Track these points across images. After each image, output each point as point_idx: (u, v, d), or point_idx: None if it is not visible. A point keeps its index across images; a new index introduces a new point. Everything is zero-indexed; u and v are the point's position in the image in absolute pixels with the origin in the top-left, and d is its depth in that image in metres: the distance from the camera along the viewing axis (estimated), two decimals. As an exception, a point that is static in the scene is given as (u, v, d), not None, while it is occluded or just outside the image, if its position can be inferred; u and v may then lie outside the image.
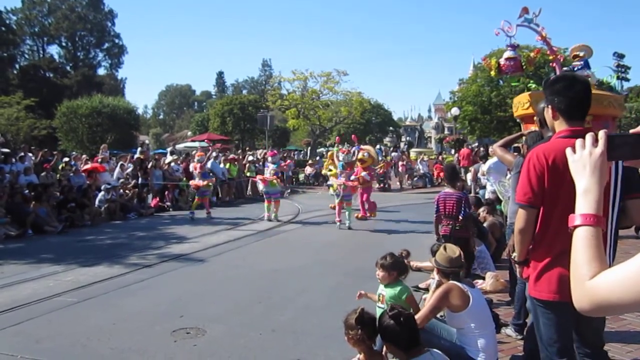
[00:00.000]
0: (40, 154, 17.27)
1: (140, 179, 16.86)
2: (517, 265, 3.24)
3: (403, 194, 21.67)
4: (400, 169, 25.31)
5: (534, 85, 15.89)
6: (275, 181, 13.51)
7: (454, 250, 4.14)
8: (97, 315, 5.81)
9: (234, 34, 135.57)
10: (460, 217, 6.23)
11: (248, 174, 20.64)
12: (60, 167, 16.38)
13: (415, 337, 3.24)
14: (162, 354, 4.65)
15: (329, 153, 15.85)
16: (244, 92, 75.13)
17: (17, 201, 12.32)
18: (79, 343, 4.93)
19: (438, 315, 4.16)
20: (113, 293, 6.76)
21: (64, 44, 62.46)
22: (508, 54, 14.69)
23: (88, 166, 16.59)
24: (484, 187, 9.90)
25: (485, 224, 7.92)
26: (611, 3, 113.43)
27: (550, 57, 15.92)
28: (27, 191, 13.09)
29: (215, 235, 11.18)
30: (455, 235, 6.11)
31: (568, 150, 1.56)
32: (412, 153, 33.39)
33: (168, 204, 16.57)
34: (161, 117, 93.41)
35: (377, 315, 3.51)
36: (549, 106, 3.02)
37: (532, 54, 14.05)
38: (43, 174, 14.83)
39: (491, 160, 8.60)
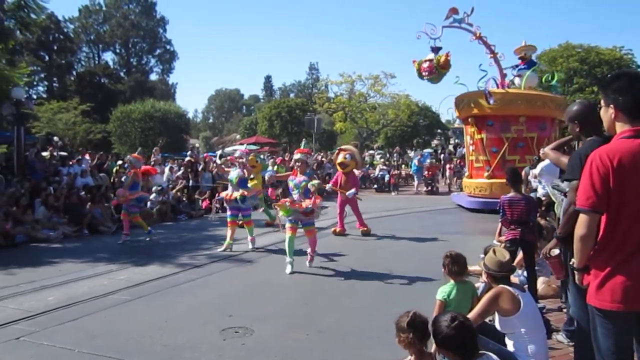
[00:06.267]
0: (96, 157, 17.92)
1: (190, 181, 17.26)
2: (576, 272, 3.06)
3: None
4: (448, 172, 24.97)
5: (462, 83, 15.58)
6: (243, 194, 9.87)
7: (503, 254, 4.07)
8: (150, 313, 5.98)
9: (281, 39, 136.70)
10: (531, 223, 6.09)
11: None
12: (114, 169, 16.93)
13: (475, 345, 3.17)
14: (212, 352, 4.74)
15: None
16: (292, 95, 75.58)
17: (73, 202, 12.81)
18: (133, 339, 5.08)
19: (487, 320, 4.10)
20: (165, 292, 6.94)
21: (118, 50, 64.56)
22: (429, 56, 14.50)
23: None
24: (535, 190, 9.63)
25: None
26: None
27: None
28: (83, 193, 13.61)
29: (263, 237, 11.29)
30: (525, 239, 5.97)
31: None
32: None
33: (217, 206, 16.83)
34: (211, 120, 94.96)
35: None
36: (611, 106, 2.86)
37: (442, 58, 13.94)
38: (101, 174, 15.39)
39: (543, 163, 8.36)
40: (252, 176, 11.36)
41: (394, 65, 58.46)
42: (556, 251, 4.21)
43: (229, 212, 10.11)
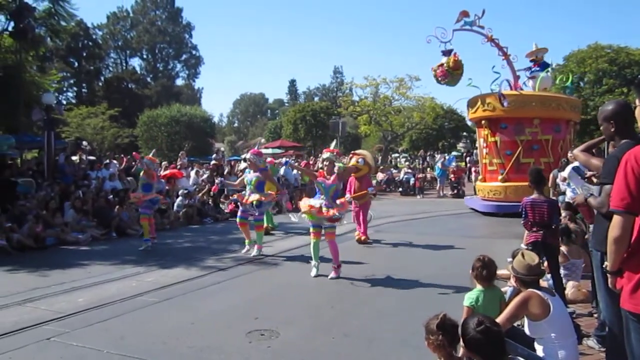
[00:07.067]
0: (124, 161, 18.17)
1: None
2: (609, 275, 3.00)
3: (477, 201, 21.14)
4: (473, 175, 24.72)
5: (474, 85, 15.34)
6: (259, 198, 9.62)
7: (532, 258, 4.00)
8: (177, 315, 6.02)
9: (305, 43, 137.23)
10: (554, 226, 5.99)
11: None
12: (140, 173, 17.14)
13: (502, 349, 3.13)
14: (238, 354, 4.76)
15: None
16: (316, 99, 75.73)
17: (102, 205, 13.02)
18: (160, 341, 5.12)
19: (515, 324, 4.04)
20: (191, 294, 6.99)
21: (144, 56, 65.72)
22: (442, 60, 14.36)
23: (167, 172, 17.25)
24: (563, 193, 9.48)
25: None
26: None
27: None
28: (111, 196, 13.82)
29: (288, 240, 11.33)
30: (547, 242, 5.87)
31: None
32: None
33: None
34: (236, 125, 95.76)
35: None
36: None
37: (451, 60, 13.81)
38: (129, 178, 15.59)
39: (571, 166, 8.23)
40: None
41: (418, 68, 58.48)
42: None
43: (239, 214, 10.04)
